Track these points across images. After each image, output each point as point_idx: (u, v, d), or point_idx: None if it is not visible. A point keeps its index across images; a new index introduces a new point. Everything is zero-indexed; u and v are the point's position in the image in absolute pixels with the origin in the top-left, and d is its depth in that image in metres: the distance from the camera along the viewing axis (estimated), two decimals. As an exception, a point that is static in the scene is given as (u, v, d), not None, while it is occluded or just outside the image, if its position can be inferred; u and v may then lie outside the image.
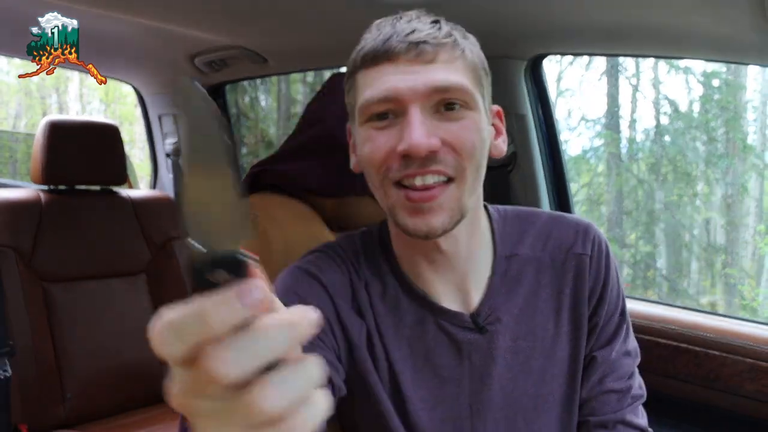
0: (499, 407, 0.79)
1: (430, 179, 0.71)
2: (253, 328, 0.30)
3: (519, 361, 0.80)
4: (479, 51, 0.79)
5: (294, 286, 0.81)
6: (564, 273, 0.83)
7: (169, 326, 0.32)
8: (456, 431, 0.79)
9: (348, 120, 0.83)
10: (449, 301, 0.81)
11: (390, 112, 0.73)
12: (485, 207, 0.87)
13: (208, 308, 0.30)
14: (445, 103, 0.72)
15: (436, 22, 0.76)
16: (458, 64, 0.74)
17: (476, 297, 0.81)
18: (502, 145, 0.83)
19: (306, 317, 0.32)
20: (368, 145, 0.74)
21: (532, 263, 0.83)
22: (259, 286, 0.31)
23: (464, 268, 0.80)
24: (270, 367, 0.31)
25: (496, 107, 0.84)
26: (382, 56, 0.72)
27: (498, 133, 0.83)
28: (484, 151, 0.76)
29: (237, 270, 0.31)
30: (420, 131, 0.69)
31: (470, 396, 0.79)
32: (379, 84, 0.72)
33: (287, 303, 0.35)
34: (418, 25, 0.74)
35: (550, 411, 0.81)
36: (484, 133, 0.75)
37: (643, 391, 0.86)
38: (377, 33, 0.75)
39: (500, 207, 0.89)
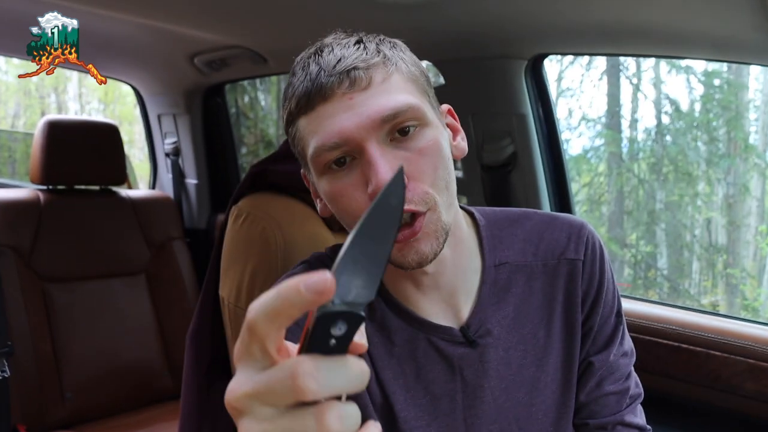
0: (493, 419, 0.78)
1: (407, 217, 0.69)
2: (344, 362, 0.36)
3: (511, 371, 0.79)
4: (411, 56, 0.75)
5: None
6: (556, 279, 0.81)
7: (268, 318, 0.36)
8: None
9: None
10: (438, 317, 0.79)
11: (346, 155, 0.69)
12: (471, 213, 0.85)
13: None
14: (398, 129, 0.69)
15: (359, 42, 0.71)
16: (395, 80, 0.70)
17: (466, 309, 0.80)
18: (462, 144, 0.79)
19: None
20: (341, 202, 0.71)
21: (522, 270, 0.82)
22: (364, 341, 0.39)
23: (452, 284, 0.79)
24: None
25: (446, 106, 0.80)
26: (315, 97, 0.68)
27: (455, 132, 0.79)
28: (448, 165, 0.73)
29: (355, 324, 0.37)
30: (384, 168, 0.66)
31: (464, 410, 0.78)
32: (324, 129, 0.68)
33: None
34: (342, 51, 0.69)
35: (544, 418, 0.80)
36: (443, 147, 0.72)
37: (641, 390, 0.86)
38: (303, 74, 0.70)
39: (488, 210, 0.87)
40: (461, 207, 0.83)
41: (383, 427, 0.77)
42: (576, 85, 4.29)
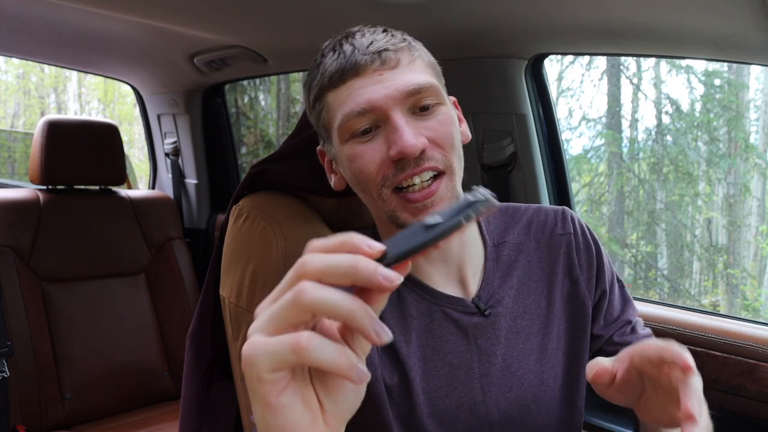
0: (508, 387, 0.83)
1: (426, 176, 0.75)
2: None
3: (520, 340, 0.84)
4: (426, 49, 0.84)
5: None
6: (552, 252, 0.89)
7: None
8: (472, 415, 0.82)
9: None
10: (449, 290, 0.85)
11: (371, 124, 0.76)
12: None
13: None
14: (420, 105, 0.76)
15: (386, 31, 0.80)
16: (418, 63, 0.78)
17: (473, 284, 0.85)
18: (467, 131, 0.87)
19: None
20: (358, 162, 0.77)
21: (520, 248, 0.89)
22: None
23: (459, 258, 0.85)
24: None
25: (452, 98, 0.88)
26: (349, 72, 0.76)
27: (460, 121, 0.87)
28: (460, 140, 0.81)
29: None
30: (409, 132, 0.73)
31: (481, 379, 0.82)
32: (354, 98, 0.75)
33: None
34: (373, 36, 0.78)
35: (554, 385, 0.85)
36: (456, 123, 0.81)
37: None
38: (335, 53, 0.78)
39: None
40: None
41: (401, 408, 0.79)
42: (576, 85, 4.29)
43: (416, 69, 0.77)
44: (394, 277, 0.40)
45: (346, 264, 0.40)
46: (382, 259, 0.42)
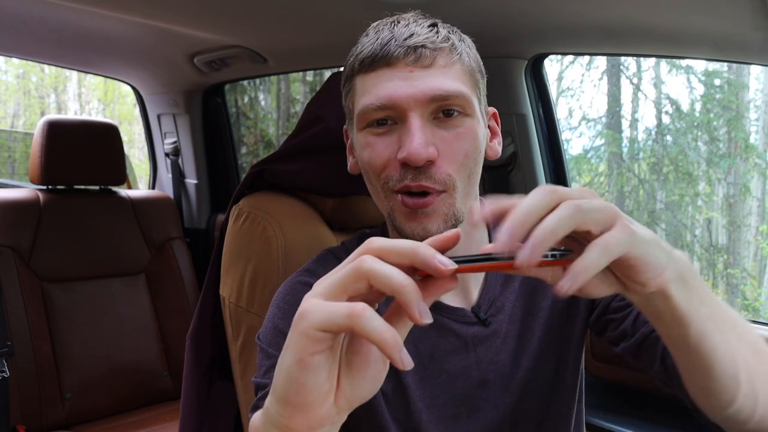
0: (508, 390, 0.82)
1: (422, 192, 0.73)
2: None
3: (520, 342, 0.83)
4: (475, 53, 0.80)
5: (291, 300, 0.80)
6: None
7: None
8: (472, 421, 0.81)
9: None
10: (450, 298, 0.83)
11: (389, 118, 0.74)
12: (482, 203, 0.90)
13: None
14: (444, 110, 0.73)
15: (433, 25, 0.76)
16: (456, 69, 0.75)
17: (475, 292, 0.84)
18: (497, 147, 0.85)
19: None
20: (368, 152, 0.76)
21: None
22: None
23: None
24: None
25: (492, 109, 0.85)
26: (380, 61, 0.73)
27: (493, 134, 0.85)
28: (478, 157, 0.77)
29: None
30: (419, 140, 0.70)
31: (480, 385, 0.81)
32: (377, 90, 0.73)
33: (284, 317, 0.42)
34: (416, 29, 0.74)
35: (550, 378, 0.84)
36: (479, 139, 0.77)
37: None
38: (375, 37, 0.75)
39: None
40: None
41: (398, 414, 0.79)
42: (576, 85, 4.29)
43: (450, 74, 0.73)
44: (449, 263, 0.43)
45: (408, 246, 0.43)
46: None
